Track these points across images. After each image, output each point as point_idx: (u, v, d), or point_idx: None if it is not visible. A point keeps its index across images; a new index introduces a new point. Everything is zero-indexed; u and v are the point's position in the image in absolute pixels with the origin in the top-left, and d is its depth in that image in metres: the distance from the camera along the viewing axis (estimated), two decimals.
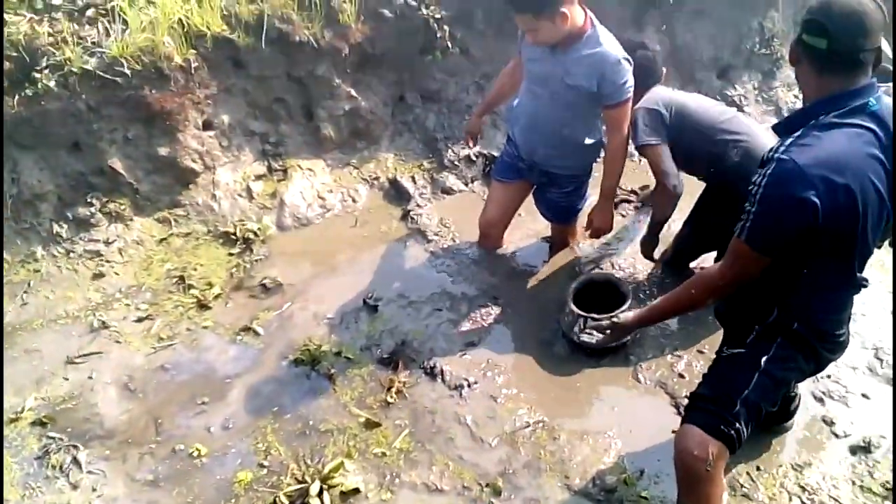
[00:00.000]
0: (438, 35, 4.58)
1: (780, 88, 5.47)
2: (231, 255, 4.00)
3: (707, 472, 2.15)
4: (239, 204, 4.23)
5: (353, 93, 4.52)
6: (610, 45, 3.11)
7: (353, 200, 4.43)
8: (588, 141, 3.40)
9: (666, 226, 3.59)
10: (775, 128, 2.05)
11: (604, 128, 3.42)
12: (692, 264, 3.74)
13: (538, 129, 3.44)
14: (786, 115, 5.34)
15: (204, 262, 3.94)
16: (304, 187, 4.35)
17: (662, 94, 3.35)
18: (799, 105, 5.31)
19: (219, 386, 3.27)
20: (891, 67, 5.30)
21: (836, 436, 2.95)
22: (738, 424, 2.15)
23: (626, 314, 2.41)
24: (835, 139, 1.86)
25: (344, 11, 4.33)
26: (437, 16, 4.53)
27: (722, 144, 3.22)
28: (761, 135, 3.28)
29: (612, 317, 3.16)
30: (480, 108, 3.95)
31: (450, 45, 4.64)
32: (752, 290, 2.15)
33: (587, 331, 2.68)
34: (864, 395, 3.11)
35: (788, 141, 1.89)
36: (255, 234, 4.05)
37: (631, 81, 3.13)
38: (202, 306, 3.66)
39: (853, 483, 2.76)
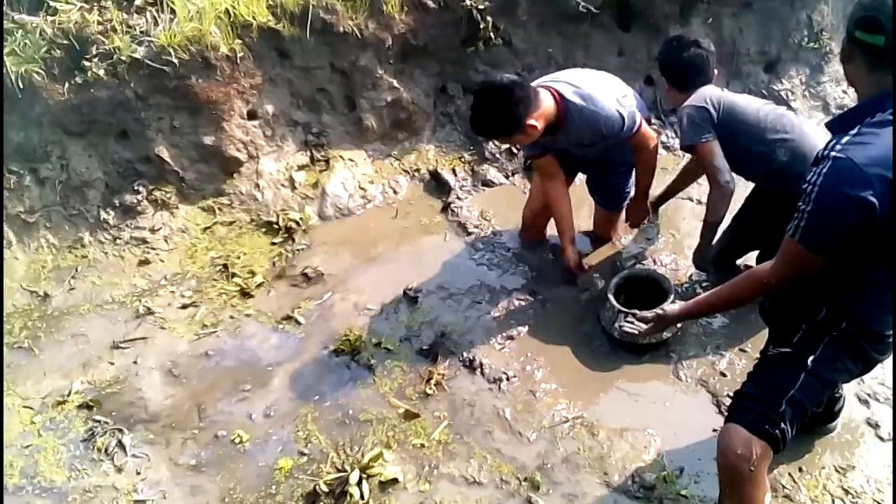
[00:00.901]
0: (481, 26, 4.54)
1: (829, 83, 5.34)
2: (273, 244, 4.04)
3: (750, 472, 2.13)
4: (281, 194, 4.28)
5: (396, 84, 4.52)
6: (589, 110, 3.18)
7: (394, 192, 4.45)
8: (627, 135, 3.41)
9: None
10: (829, 125, 2.00)
11: (643, 109, 3.51)
12: (737, 262, 3.68)
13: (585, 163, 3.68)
14: (834, 110, 5.24)
15: (247, 251, 3.99)
16: (345, 178, 4.38)
17: (711, 93, 3.30)
18: (847, 101, 5.22)
19: (261, 373, 3.32)
20: None
21: (881, 439, 2.90)
22: (783, 424, 2.12)
23: (672, 306, 2.38)
24: (890, 137, 1.81)
25: (388, 2, 4.33)
26: (481, 6, 4.50)
27: (770, 144, 3.17)
28: (810, 134, 3.22)
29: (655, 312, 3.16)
30: (571, 240, 3.70)
31: (492, 36, 4.61)
32: (801, 289, 2.12)
33: (629, 320, 2.66)
34: None
35: (844, 139, 1.84)
36: (298, 223, 4.10)
37: (630, 114, 3.25)
38: (245, 294, 3.72)
39: None
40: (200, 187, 4.16)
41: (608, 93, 3.26)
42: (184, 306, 3.67)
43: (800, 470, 2.79)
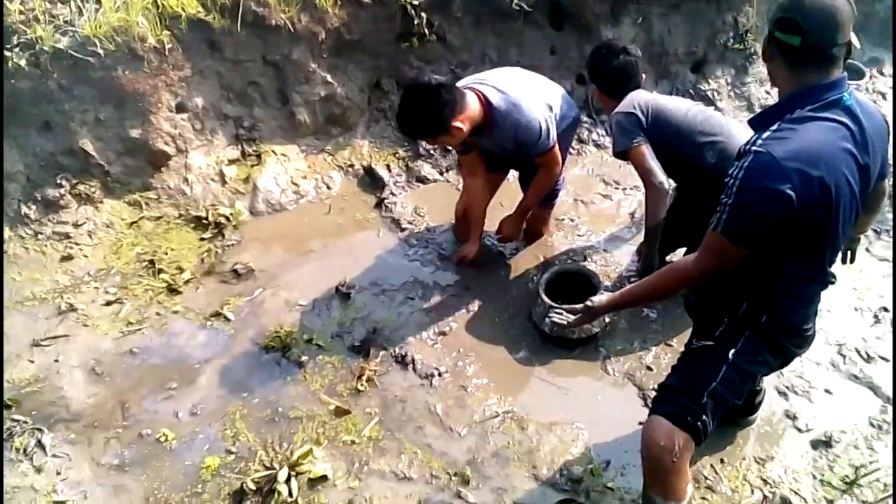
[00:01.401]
0: (416, 22, 4.54)
1: (753, 84, 5.51)
2: (203, 239, 3.96)
3: (673, 463, 2.17)
4: (211, 188, 4.19)
5: (329, 78, 4.48)
6: (513, 118, 3.21)
7: (328, 187, 4.40)
8: (558, 131, 3.48)
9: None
10: (751, 122, 2.06)
11: (570, 106, 3.62)
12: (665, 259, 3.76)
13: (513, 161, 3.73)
14: (758, 110, 5.39)
15: (175, 247, 3.90)
16: (277, 173, 4.32)
17: (639, 97, 3.35)
18: (771, 101, 5.39)
19: (188, 371, 3.25)
20: (859, 64, 5.38)
21: (799, 430, 3.00)
22: (704, 416, 2.17)
23: (600, 297, 2.41)
24: (810, 132, 1.88)
25: None
26: (415, 2, 4.49)
27: (699, 147, 3.24)
28: (737, 134, 3.30)
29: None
30: (475, 232, 3.82)
31: (427, 32, 4.60)
32: (723, 283, 2.17)
33: (558, 311, 2.70)
34: (826, 391, 3.17)
35: (765, 134, 1.91)
36: (228, 218, 4.02)
37: (547, 130, 3.27)
38: (172, 291, 3.64)
39: (814, 477, 2.81)
40: (126, 181, 4.05)
41: (536, 100, 3.30)
42: (108, 303, 3.56)
43: (721, 461, 2.87)
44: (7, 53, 3.68)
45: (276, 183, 4.28)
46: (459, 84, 3.32)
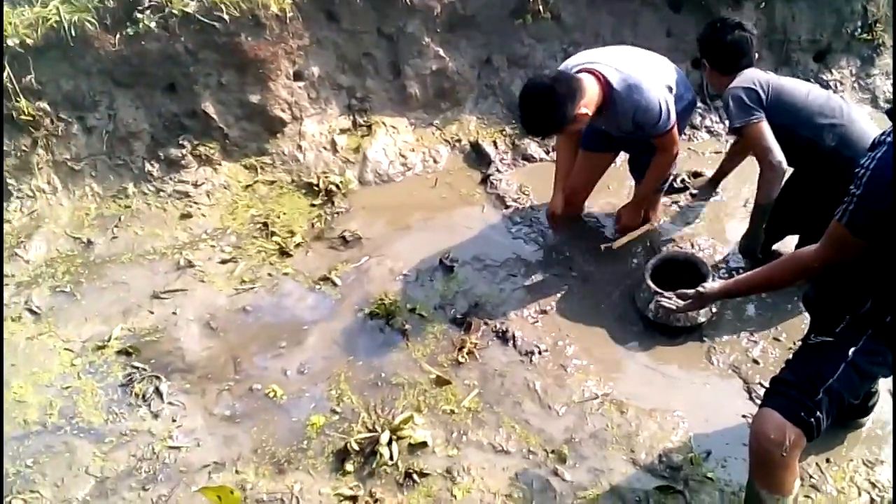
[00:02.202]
0: (530, 3, 4.52)
1: (879, 76, 5.23)
2: (313, 205, 4.08)
3: (782, 458, 2.13)
4: (323, 156, 4.31)
5: (442, 52, 4.51)
6: (633, 99, 3.16)
7: (434, 161, 4.46)
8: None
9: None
10: (890, 112, 1.97)
11: (687, 88, 3.52)
12: (774, 247, 3.66)
13: (626, 142, 3.65)
14: (882, 104, 5.14)
15: (287, 211, 4.04)
16: (386, 144, 4.40)
17: (758, 75, 3.26)
18: None
19: (296, 331, 3.37)
20: None
21: None
22: (818, 413, 2.12)
23: (712, 284, 2.36)
24: None
25: None
26: None
27: (818, 128, 3.13)
28: (858, 120, 3.18)
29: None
30: (559, 184, 3.81)
31: (541, 9, 4.57)
32: (847, 279, 2.10)
33: (668, 295, 2.65)
34: None
35: None
36: (338, 186, 4.13)
37: (668, 111, 3.21)
38: (283, 253, 3.77)
39: None
40: (244, 145, 4.20)
41: (657, 80, 3.24)
42: (223, 261, 3.73)
43: (827, 461, 2.79)
44: (138, 15, 3.85)
45: (385, 154, 4.36)
46: (572, 62, 3.31)
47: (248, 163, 4.20)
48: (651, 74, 3.25)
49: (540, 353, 3.25)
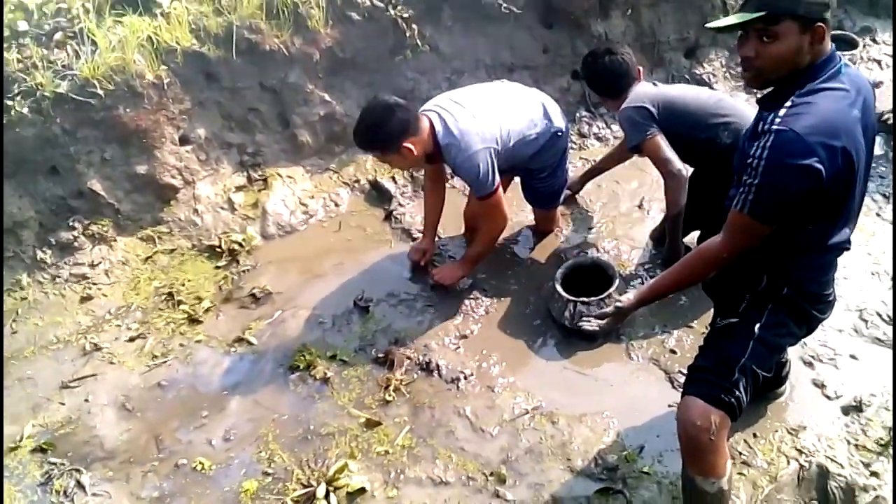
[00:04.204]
0: (407, 34, 4.59)
1: None
2: (218, 267, 3.99)
3: (711, 441, 2.19)
4: (221, 216, 4.23)
5: (327, 97, 4.52)
6: (459, 148, 3.24)
7: (336, 205, 4.43)
8: (533, 150, 3.56)
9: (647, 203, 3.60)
10: (761, 101, 2.07)
11: (550, 121, 3.56)
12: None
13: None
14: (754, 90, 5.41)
15: (191, 277, 3.93)
16: (285, 195, 4.35)
17: (646, 91, 3.38)
18: None
19: (217, 398, 3.28)
20: (852, 34, 5.40)
21: (828, 398, 3.01)
22: (737, 392, 2.19)
23: (627, 296, 2.39)
24: (824, 104, 1.89)
25: (312, 17, 4.34)
26: (405, 15, 4.55)
27: (713, 128, 3.26)
28: (748, 114, 3.32)
29: (602, 298, 3.23)
30: (427, 228, 3.92)
31: (419, 43, 4.65)
32: (741, 261, 2.17)
33: (586, 319, 2.68)
34: (852, 356, 3.18)
35: (781, 112, 1.91)
36: (241, 245, 4.05)
37: (484, 175, 3.27)
38: (193, 321, 3.66)
39: (848, 442, 2.82)
40: (137, 217, 4.09)
41: (487, 133, 3.27)
42: (131, 339, 3.59)
43: (754, 436, 2.89)
44: (9, 103, 3.73)
45: (285, 205, 4.31)
46: (427, 105, 3.39)
47: (145, 234, 4.08)
48: (484, 125, 3.29)
49: (466, 378, 3.25)
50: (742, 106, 3.43)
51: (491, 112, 3.36)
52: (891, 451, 2.74)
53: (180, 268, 4.00)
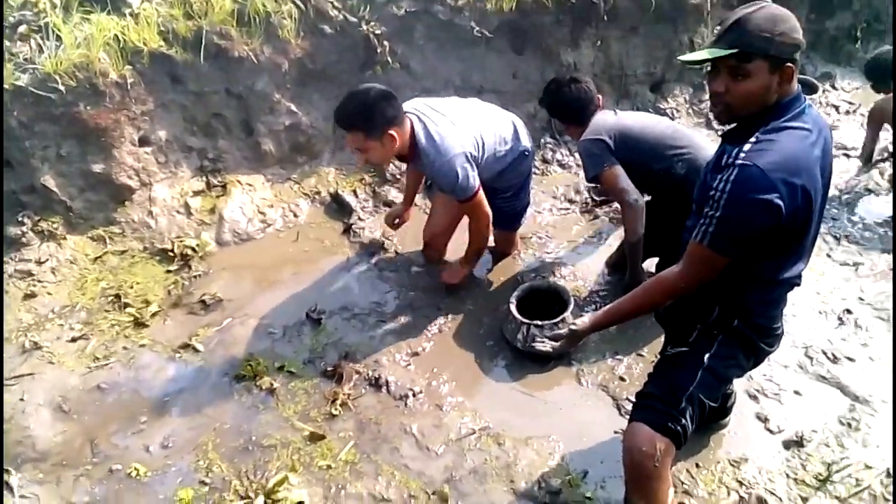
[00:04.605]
0: (378, 50, 4.60)
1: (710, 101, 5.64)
2: (169, 272, 3.92)
3: (655, 468, 2.19)
4: (176, 220, 4.16)
5: (294, 107, 4.51)
6: (432, 156, 3.24)
7: (295, 215, 4.40)
8: (501, 167, 3.59)
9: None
10: (726, 136, 2.10)
11: (518, 140, 3.62)
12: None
13: None
14: (715, 125, 5.52)
15: (140, 280, 3.86)
16: (243, 202, 4.31)
17: (604, 122, 3.41)
18: None
19: (158, 404, 3.19)
20: (812, 79, 5.53)
21: (771, 431, 3.03)
22: (683, 420, 2.19)
23: (582, 319, 2.37)
24: (787, 142, 1.93)
25: (284, 27, 4.33)
26: (377, 31, 4.56)
27: (669, 159, 3.31)
28: (704, 146, 3.38)
29: (556, 322, 3.23)
30: (406, 197, 4.04)
31: (390, 60, 4.67)
32: (695, 292, 2.18)
33: (540, 339, 2.65)
34: (795, 392, 3.20)
35: (745, 147, 1.94)
36: (194, 250, 3.99)
37: (463, 180, 3.26)
38: (139, 324, 3.58)
39: (787, 476, 2.83)
40: (90, 216, 4.00)
41: (464, 140, 3.29)
42: (73, 339, 3.49)
43: (697, 465, 2.88)
44: None
45: (243, 213, 4.26)
46: (406, 106, 3.37)
47: (96, 234, 3.99)
48: (462, 132, 3.31)
49: (414, 395, 3.21)
50: (698, 138, 3.48)
51: (468, 122, 3.39)
52: (828, 486, 2.76)
53: (130, 270, 3.92)
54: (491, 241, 4.09)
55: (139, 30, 4.02)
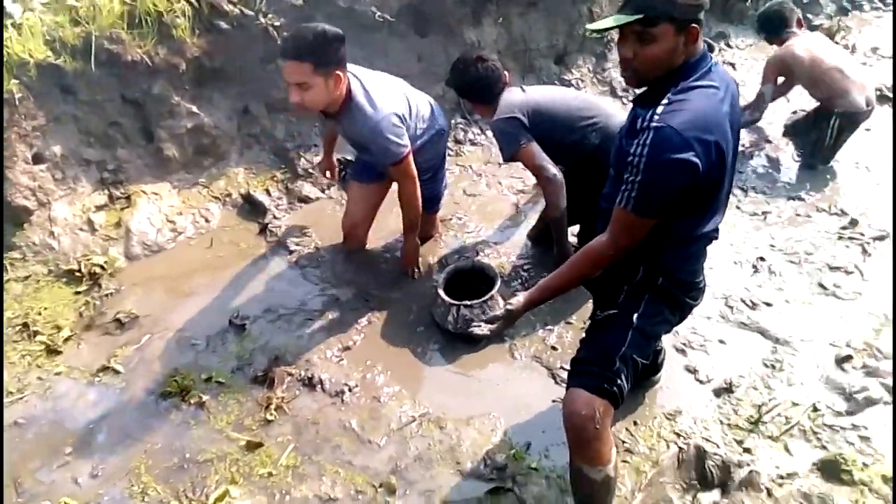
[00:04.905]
0: (279, 43, 4.47)
1: (613, 69, 5.73)
2: (78, 293, 3.72)
3: (596, 430, 2.22)
4: (81, 238, 3.95)
5: (195, 109, 4.34)
6: (369, 112, 3.19)
7: (206, 221, 4.24)
8: (420, 142, 3.53)
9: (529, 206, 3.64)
10: (637, 100, 2.12)
11: (435, 118, 3.61)
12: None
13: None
14: (620, 93, 5.63)
15: (48, 305, 3.64)
16: (150, 213, 4.12)
17: (514, 100, 3.41)
18: None
19: (82, 433, 3.03)
20: (707, 40, 5.70)
21: (701, 382, 3.13)
22: (619, 381, 2.23)
23: (517, 298, 2.36)
24: (698, 101, 1.96)
25: (178, 26, 4.15)
26: (276, 23, 4.43)
27: (581, 130, 3.33)
28: (613, 112, 3.42)
29: (485, 301, 3.23)
30: (325, 148, 4.00)
31: None
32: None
33: (477, 324, 2.64)
34: (720, 341, 3.32)
35: (658, 109, 1.97)
36: (102, 267, 3.79)
37: (396, 140, 3.23)
38: (52, 352, 3.39)
39: (721, 422, 2.93)
40: None
41: (394, 103, 3.27)
42: None
43: (634, 423, 2.95)
44: None
45: (150, 223, 4.08)
46: None
47: None
48: (392, 97, 3.29)
49: (350, 390, 3.16)
50: (607, 105, 3.53)
51: (398, 86, 3.40)
52: (761, 427, 2.87)
53: (35, 296, 3.70)
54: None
55: (23, 41, 3.77)
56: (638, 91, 2.14)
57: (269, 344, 3.42)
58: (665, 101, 1.98)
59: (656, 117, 1.95)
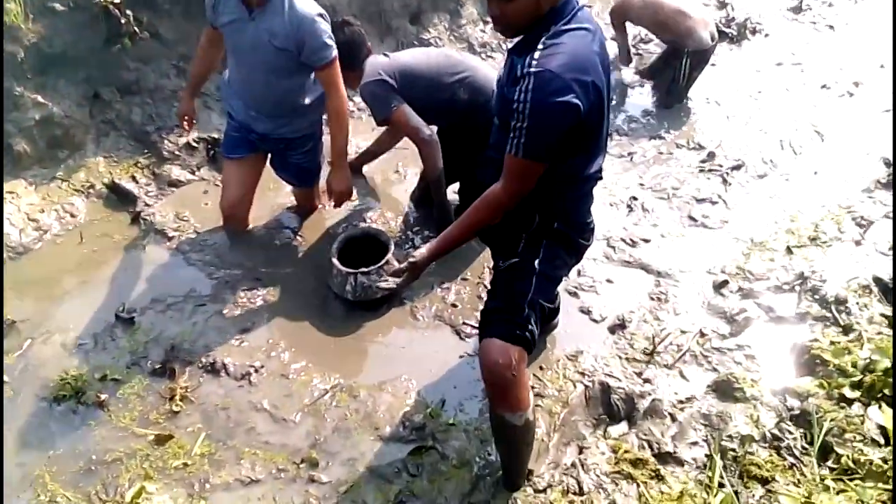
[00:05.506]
0: (122, 21, 4.22)
1: (468, 25, 5.83)
2: None
3: (514, 377, 2.30)
4: None
5: (41, 99, 4.02)
6: (301, 5, 3.10)
7: (72, 216, 3.97)
8: (309, 100, 3.44)
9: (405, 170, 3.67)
10: (513, 50, 2.17)
11: (316, 84, 3.45)
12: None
13: (257, 101, 3.40)
14: (478, 48, 5.74)
15: None
16: (9, 213, 3.80)
17: (380, 63, 3.41)
18: (487, 38, 5.77)
19: None
20: None
21: (595, 321, 3.32)
22: (530, 326, 2.32)
23: (420, 251, 2.39)
24: (572, 43, 2.03)
25: (9, 12, 3.80)
26: (116, 0, 4.16)
27: (450, 88, 3.38)
28: (478, 65, 3.49)
29: (380, 266, 3.26)
30: (188, 90, 3.77)
31: (137, 30, 4.30)
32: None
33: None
34: (608, 281, 3.52)
35: (535, 55, 2.02)
36: None
37: (328, 31, 3.15)
38: None
39: (619, 357, 3.14)
40: None
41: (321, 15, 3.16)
42: None
43: (540, 368, 3.10)
44: None
45: (11, 224, 3.76)
46: None
47: None
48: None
49: (256, 371, 3.12)
50: (471, 59, 3.60)
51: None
52: (656, 357, 3.09)
53: None
54: (292, 202, 4.02)
55: None
56: (510, 43, 2.19)
57: (162, 335, 3.29)
58: (540, 45, 2.04)
59: (534, 63, 2.01)
